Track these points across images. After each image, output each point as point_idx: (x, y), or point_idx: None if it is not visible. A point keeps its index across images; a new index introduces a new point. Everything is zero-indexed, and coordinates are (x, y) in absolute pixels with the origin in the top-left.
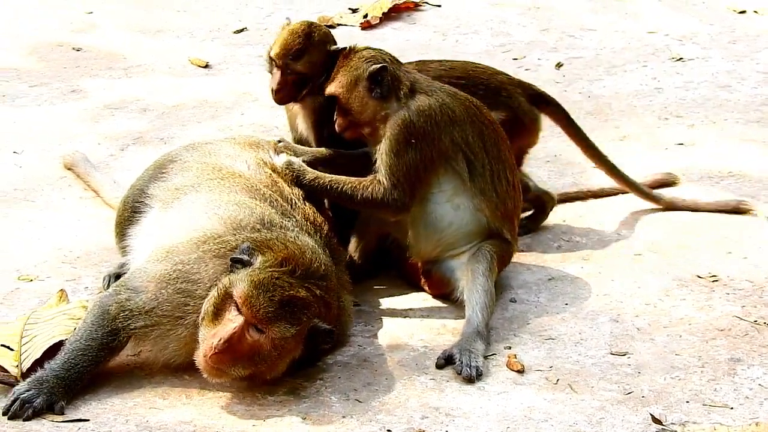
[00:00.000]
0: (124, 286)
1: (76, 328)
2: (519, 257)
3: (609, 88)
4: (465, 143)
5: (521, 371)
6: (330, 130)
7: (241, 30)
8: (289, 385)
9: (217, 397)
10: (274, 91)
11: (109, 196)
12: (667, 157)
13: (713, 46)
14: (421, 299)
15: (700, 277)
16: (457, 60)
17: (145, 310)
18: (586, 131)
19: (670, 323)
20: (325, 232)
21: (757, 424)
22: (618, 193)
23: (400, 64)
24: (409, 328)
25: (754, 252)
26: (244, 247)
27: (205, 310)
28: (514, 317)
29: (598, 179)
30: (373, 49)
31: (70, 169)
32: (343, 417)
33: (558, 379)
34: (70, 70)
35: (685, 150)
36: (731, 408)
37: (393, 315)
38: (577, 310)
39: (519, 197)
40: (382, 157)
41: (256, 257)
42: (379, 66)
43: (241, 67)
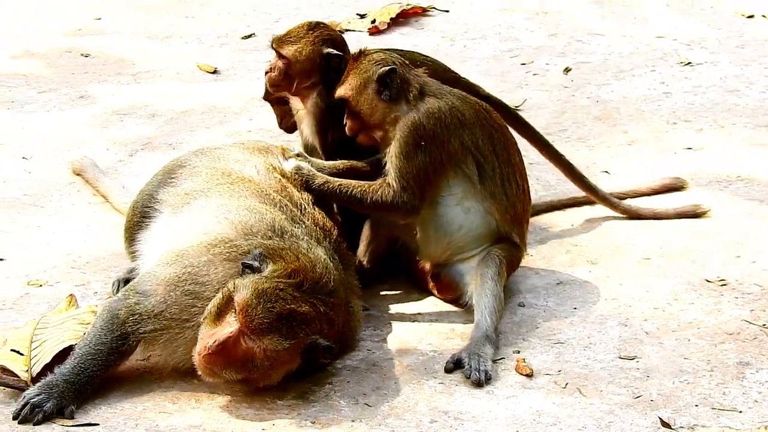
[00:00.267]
0: (133, 290)
1: (85, 333)
2: (527, 261)
3: (617, 92)
4: (475, 146)
5: (530, 375)
6: (334, 135)
7: (250, 36)
8: (298, 389)
9: (227, 401)
10: (266, 73)
11: (118, 201)
12: (676, 161)
13: (721, 50)
14: (430, 303)
15: (708, 281)
16: (406, 50)
17: (154, 313)
18: (594, 136)
19: (678, 327)
20: (334, 237)
21: (766, 428)
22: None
23: (410, 67)
24: (418, 332)
25: (763, 256)
26: (257, 253)
27: (209, 309)
28: (523, 321)
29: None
30: (384, 52)
31: (79, 174)
32: (352, 421)
33: (567, 383)
34: (78, 76)
35: (693, 154)
36: (740, 412)
37: (402, 319)
38: (585, 314)
39: (529, 201)
40: (392, 159)
41: (266, 265)
42: (387, 68)
43: (249, 73)
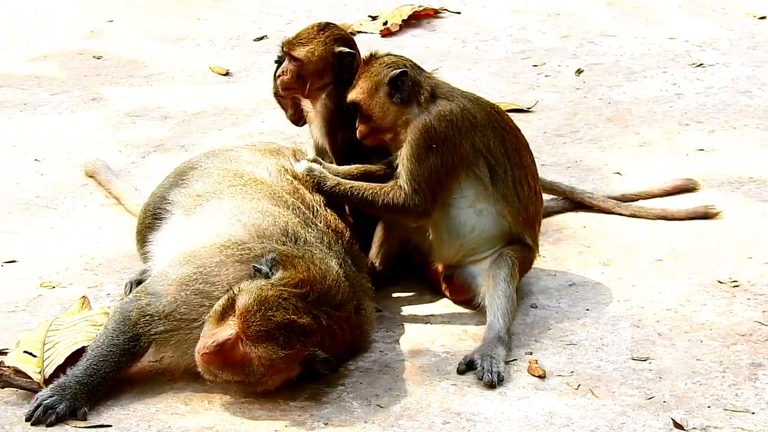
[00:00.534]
0: (145, 292)
1: (97, 334)
2: (540, 263)
3: (629, 94)
4: (486, 149)
5: (542, 376)
6: (344, 137)
7: (261, 38)
8: (310, 390)
9: (239, 403)
10: (277, 76)
11: (130, 203)
12: (688, 162)
13: (733, 51)
14: (442, 305)
15: (720, 282)
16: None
17: (165, 314)
18: (605, 137)
19: (691, 328)
20: (346, 239)
21: None
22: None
23: (421, 69)
24: (430, 333)
25: None
26: (269, 258)
27: (214, 309)
28: (535, 323)
29: (619, 186)
30: (394, 55)
31: (92, 176)
32: (365, 422)
33: (579, 385)
34: (90, 78)
35: (705, 156)
36: (752, 413)
37: (414, 321)
38: (598, 315)
39: (541, 203)
40: (403, 162)
41: (276, 271)
42: (399, 71)
43: (261, 75)
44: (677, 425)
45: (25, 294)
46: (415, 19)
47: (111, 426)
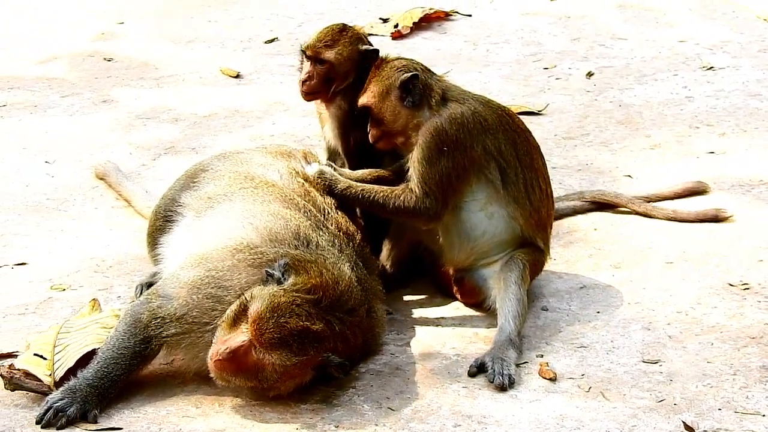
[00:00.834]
0: (156, 294)
1: (108, 337)
2: (550, 265)
3: (639, 96)
4: (497, 151)
5: (553, 379)
6: (356, 138)
7: (272, 40)
8: (321, 393)
9: (250, 405)
10: (302, 82)
11: (140, 205)
12: (698, 165)
13: (743, 54)
14: (453, 308)
15: (731, 285)
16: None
17: (176, 317)
18: (616, 140)
19: (701, 331)
20: (357, 241)
21: None
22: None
23: (432, 72)
24: (441, 336)
25: None
26: (282, 263)
27: (227, 314)
28: (546, 325)
29: (630, 188)
30: (404, 58)
31: (102, 179)
32: (376, 425)
33: (590, 387)
34: (101, 80)
35: (716, 158)
36: (763, 415)
37: (425, 323)
38: (608, 318)
39: (552, 205)
40: (414, 165)
41: (289, 276)
42: (410, 74)
43: (272, 77)
44: (688, 428)
45: (35, 296)
46: (426, 22)
47: (121, 429)
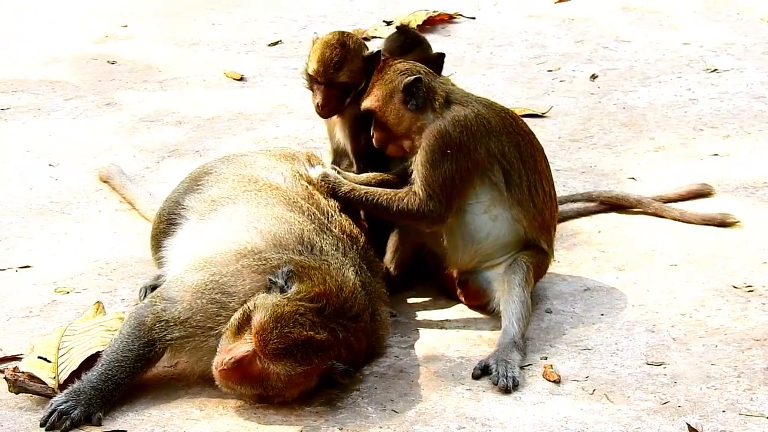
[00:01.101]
0: (160, 297)
1: (112, 340)
2: (554, 268)
3: (643, 99)
4: (501, 154)
5: (557, 381)
6: (367, 139)
7: (276, 43)
8: (325, 395)
9: (254, 408)
10: (320, 107)
11: (144, 208)
12: (702, 167)
13: (748, 57)
14: (457, 310)
15: (735, 287)
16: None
17: (181, 320)
18: (620, 142)
19: (706, 333)
20: (361, 244)
21: None
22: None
23: (435, 75)
24: (445, 338)
25: None
26: (285, 270)
27: (230, 323)
28: (550, 328)
29: (634, 190)
30: (408, 61)
31: (106, 181)
32: (380, 428)
33: (594, 389)
34: (105, 83)
35: (720, 161)
36: (767, 417)
37: (429, 326)
38: (612, 320)
39: (556, 208)
40: (418, 168)
41: (292, 284)
42: (413, 77)
43: (275, 80)
44: (692, 430)
45: (39, 299)
46: (430, 24)
47: (126, 431)
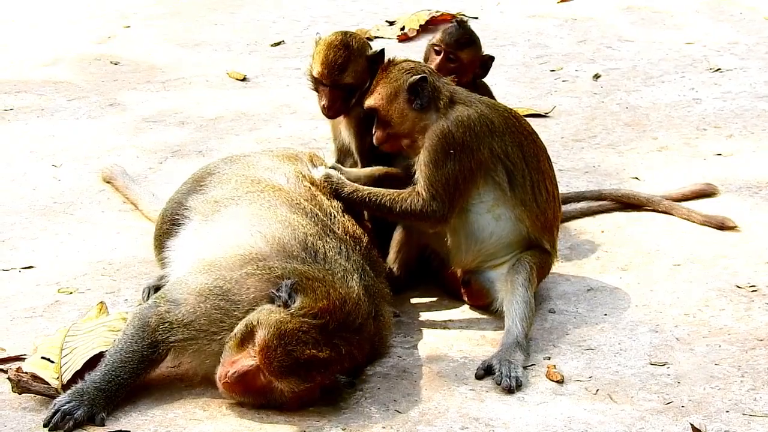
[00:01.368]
0: (164, 298)
1: (115, 340)
2: (558, 268)
3: (647, 99)
4: (504, 154)
5: (561, 381)
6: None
7: (279, 43)
8: (329, 395)
9: (258, 408)
10: (327, 108)
11: (147, 208)
12: (706, 167)
13: (751, 56)
14: (460, 310)
15: (739, 287)
16: None
17: (184, 322)
18: (623, 142)
19: (709, 333)
20: (364, 245)
21: None
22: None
23: (439, 75)
24: (448, 338)
25: None
26: (289, 283)
27: (233, 334)
28: (554, 328)
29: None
30: (412, 60)
31: (109, 182)
32: (383, 428)
33: (597, 390)
34: (108, 84)
35: (723, 160)
36: None
37: (432, 326)
38: (616, 320)
39: (559, 207)
40: (421, 168)
41: (296, 298)
42: (419, 77)
43: (278, 80)
44: (696, 430)
45: (42, 300)
46: (433, 25)
47: (129, 431)
